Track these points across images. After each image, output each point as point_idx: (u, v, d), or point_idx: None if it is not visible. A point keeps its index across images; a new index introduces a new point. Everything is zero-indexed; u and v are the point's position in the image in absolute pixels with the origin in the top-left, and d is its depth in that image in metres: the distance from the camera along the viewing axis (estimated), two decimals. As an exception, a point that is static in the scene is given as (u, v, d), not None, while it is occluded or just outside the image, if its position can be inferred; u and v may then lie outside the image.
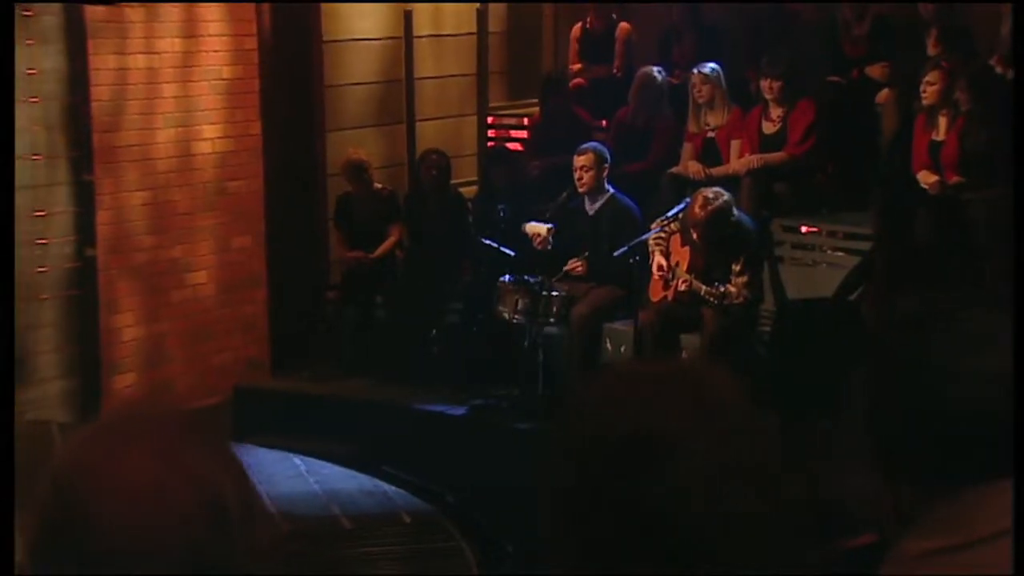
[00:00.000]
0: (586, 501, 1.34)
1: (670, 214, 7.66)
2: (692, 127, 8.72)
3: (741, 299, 7.26)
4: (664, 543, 1.31)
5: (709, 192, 7.36)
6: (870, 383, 1.66)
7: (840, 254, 8.04)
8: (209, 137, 8.75)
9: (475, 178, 9.77)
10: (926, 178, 7.71)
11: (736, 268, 7.26)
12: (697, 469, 1.31)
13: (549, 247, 7.99)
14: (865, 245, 7.55)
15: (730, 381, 1.41)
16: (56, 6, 7.82)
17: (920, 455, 1.60)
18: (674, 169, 8.60)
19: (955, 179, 7.61)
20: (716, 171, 8.38)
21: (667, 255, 7.54)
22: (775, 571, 1.34)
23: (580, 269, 7.89)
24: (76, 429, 1.32)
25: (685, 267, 7.41)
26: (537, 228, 8.03)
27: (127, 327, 8.38)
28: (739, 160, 8.42)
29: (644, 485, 1.31)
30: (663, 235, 7.58)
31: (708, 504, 1.31)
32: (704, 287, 7.24)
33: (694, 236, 7.32)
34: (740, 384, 1.42)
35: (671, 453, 1.32)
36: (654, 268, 7.54)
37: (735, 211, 7.37)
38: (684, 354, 7.29)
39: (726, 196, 7.34)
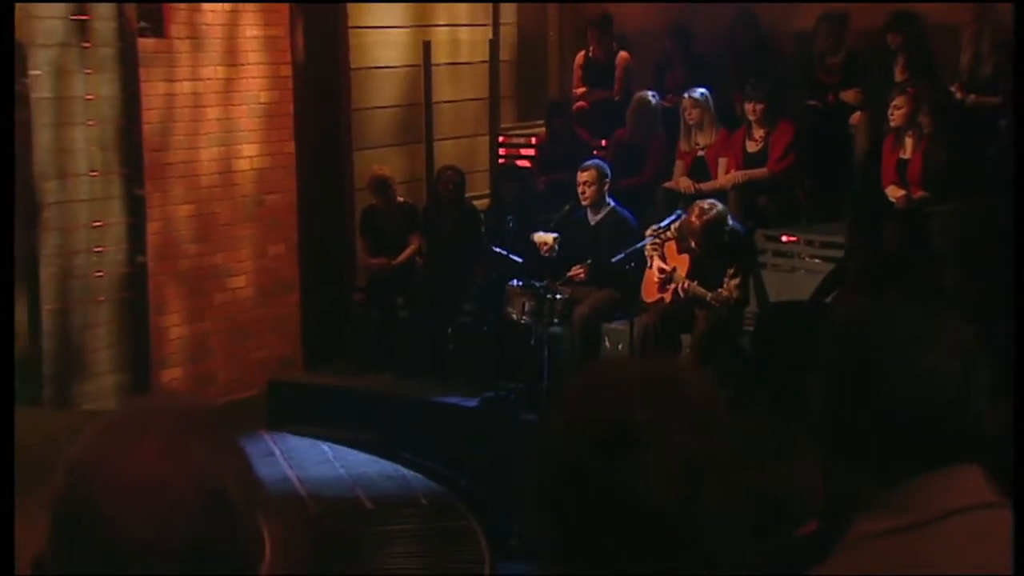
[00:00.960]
0: (566, 493, 1.30)
1: (663, 224, 7.66)
2: (683, 146, 8.72)
3: (733, 300, 7.25)
4: (641, 537, 1.28)
5: (705, 203, 7.33)
6: (821, 378, 1.66)
7: (817, 261, 8.02)
8: (248, 155, 8.76)
9: (487, 192, 9.77)
10: (893, 192, 7.71)
11: (730, 272, 7.24)
12: (667, 461, 1.28)
13: (554, 254, 7.99)
14: (839, 253, 7.54)
15: (700, 377, 1.39)
16: (111, 38, 7.84)
17: (864, 445, 1.61)
18: (667, 184, 8.60)
19: (920, 194, 7.61)
20: (705, 186, 8.38)
21: (664, 260, 7.53)
22: (738, 559, 1.31)
23: (581, 275, 7.89)
24: (91, 423, 1.25)
25: (684, 272, 7.39)
26: (544, 237, 8.03)
27: (174, 326, 8.39)
28: (725, 176, 8.41)
29: (617, 477, 1.28)
30: (658, 242, 7.57)
31: (678, 495, 1.28)
32: (709, 293, 7.21)
33: (692, 244, 7.29)
34: (710, 380, 1.40)
35: (643, 445, 1.29)
36: (654, 270, 7.52)
37: (729, 220, 7.35)
38: (685, 351, 7.28)
39: (720, 207, 7.32)
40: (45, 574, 1.21)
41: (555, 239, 7.97)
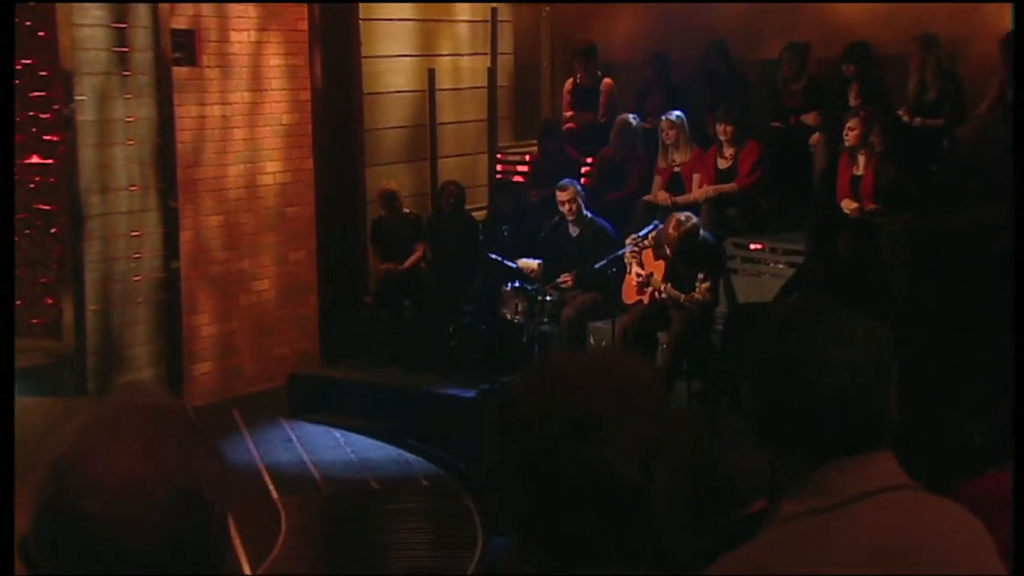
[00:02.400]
0: (536, 472, 1.29)
1: (641, 233, 7.67)
2: (661, 163, 8.73)
3: (705, 302, 7.26)
4: (605, 509, 1.26)
5: (681, 216, 7.35)
6: (749, 372, 1.67)
7: (781, 266, 8.02)
8: (271, 171, 8.78)
9: (486, 204, 9.78)
10: (848, 205, 7.72)
11: (702, 276, 7.26)
12: (627, 442, 1.28)
13: (540, 278, 7.99)
14: (800, 259, 7.54)
15: (647, 368, 1.39)
16: (149, 67, 7.87)
17: (787, 432, 1.61)
18: (646, 197, 8.60)
19: (871, 206, 7.62)
20: (680, 199, 8.39)
21: (642, 266, 7.55)
22: (691, 534, 1.31)
23: (569, 282, 7.91)
24: (72, 421, 1.20)
25: (660, 277, 7.40)
26: (529, 264, 8.04)
27: (204, 325, 8.42)
28: (699, 190, 8.42)
29: (580, 456, 1.27)
30: (637, 249, 7.58)
31: (637, 471, 1.27)
32: (683, 295, 7.22)
33: (668, 252, 7.31)
34: (655, 371, 1.40)
35: (604, 428, 1.28)
36: (633, 275, 7.53)
37: (701, 231, 7.37)
38: (662, 348, 7.27)
39: (694, 219, 7.34)
40: (27, 558, 1.18)
41: (539, 265, 7.98)
